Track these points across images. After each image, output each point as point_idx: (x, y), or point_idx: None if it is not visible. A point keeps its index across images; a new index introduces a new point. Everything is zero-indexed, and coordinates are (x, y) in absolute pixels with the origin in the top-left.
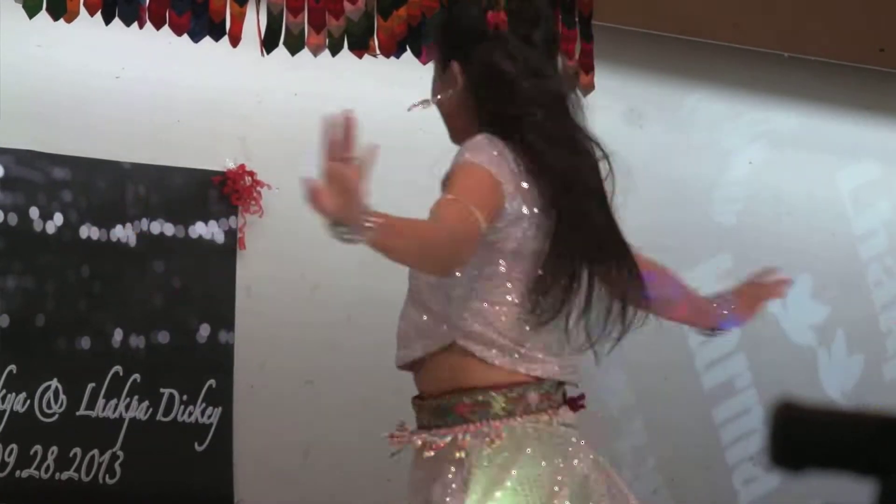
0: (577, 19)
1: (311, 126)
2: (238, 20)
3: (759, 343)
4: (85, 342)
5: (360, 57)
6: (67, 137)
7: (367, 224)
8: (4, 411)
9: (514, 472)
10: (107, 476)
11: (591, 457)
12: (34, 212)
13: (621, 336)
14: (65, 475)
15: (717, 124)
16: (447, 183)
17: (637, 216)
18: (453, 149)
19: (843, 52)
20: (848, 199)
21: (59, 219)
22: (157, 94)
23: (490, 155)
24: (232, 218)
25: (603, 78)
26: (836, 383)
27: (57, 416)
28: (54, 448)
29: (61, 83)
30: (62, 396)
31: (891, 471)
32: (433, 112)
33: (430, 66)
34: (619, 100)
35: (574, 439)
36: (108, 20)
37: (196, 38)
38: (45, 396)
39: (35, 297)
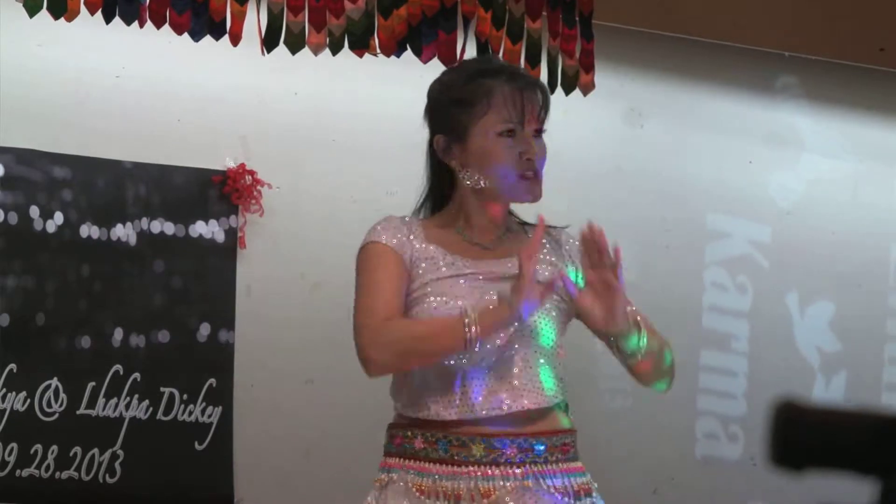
0: (577, 18)
1: (312, 125)
2: (238, 19)
3: (765, 347)
4: (85, 341)
5: (361, 56)
6: (67, 136)
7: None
8: (4, 410)
9: None
10: (107, 475)
11: None
12: (34, 211)
13: None
14: (65, 474)
15: (718, 124)
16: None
17: (636, 214)
18: None
19: (843, 51)
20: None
21: (59, 218)
22: (158, 94)
23: None
24: (232, 217)
25: (603, 77)
26: None
27: (57, 415)
28: (54, 447)
29: (61, 82)
30: (62, 395)
31: (892, 470)
32: None
33: (431, 66)
34: (620, 99)
35: None
36: (108, 19)
37: (196, 37)
38: (46, 395)
39: (35, 296)
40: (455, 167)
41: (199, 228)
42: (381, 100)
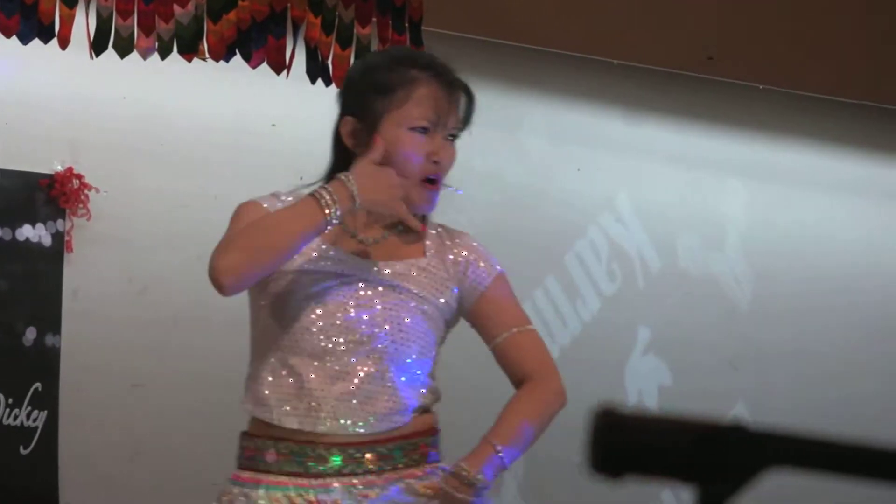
0: (407, 24)
1: (141, 130)
2: (67, 22)
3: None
4: None
5: (190, 61)
6: None
7: None
8: None
9: None
10: None
11: None
12: None
13: None
14: None
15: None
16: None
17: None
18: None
19: (668, 59)
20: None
21: None
22: None
23: None
24: (59, 221)
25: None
26: None
27: None
28: None
29: None
30: None
31: (709, 479)
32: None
33: (261, 70)
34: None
35: None
36: None
37: (25, 40)
38: None
39: None
40: (358, 154)
41: (26, 232)
42: (209, 105)
